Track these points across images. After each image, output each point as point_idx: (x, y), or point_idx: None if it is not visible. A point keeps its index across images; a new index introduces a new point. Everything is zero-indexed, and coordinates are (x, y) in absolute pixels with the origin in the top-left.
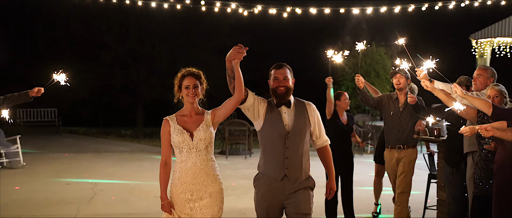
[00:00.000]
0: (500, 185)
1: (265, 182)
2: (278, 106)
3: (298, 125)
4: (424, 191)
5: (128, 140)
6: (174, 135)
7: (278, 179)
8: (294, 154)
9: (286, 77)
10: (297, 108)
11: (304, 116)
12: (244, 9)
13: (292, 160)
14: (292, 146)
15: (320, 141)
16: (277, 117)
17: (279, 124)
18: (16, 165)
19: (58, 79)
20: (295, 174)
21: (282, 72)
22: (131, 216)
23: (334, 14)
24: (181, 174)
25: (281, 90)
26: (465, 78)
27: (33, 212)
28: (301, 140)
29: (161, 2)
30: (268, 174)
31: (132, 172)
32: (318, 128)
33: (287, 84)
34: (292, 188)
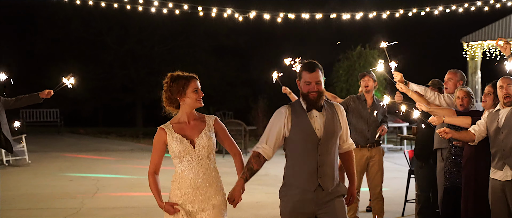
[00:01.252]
0: (467, 177)
1: (296, 194)
2: (308, 110)
3: (330, 129)
4: (403, 186)
5: (128, 139)
6: (173, 144)
7: (311, 190)
8: (327, 161)
9: (319, 81)
10: (327, 111)
11: (335, 119)
12: (239, 14)
13: (326, 168)
14: (324, 152)
15: (346, 145)
16: (307, 123)
17: (310, 130)
18: (22, 163)
19: (67, 83)
20: (329, 182)
21: (314, 76)
22: (133, 209)
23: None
24: (182, 184)
25: (314, 96)
26: (438, 81)
27: (41, 205)
28: (333, 145)
29: (160, 8)
30: (299, 185)
31: (133, 169)
32: (346, 132)
33: (320, 89)
34: (326, 198)
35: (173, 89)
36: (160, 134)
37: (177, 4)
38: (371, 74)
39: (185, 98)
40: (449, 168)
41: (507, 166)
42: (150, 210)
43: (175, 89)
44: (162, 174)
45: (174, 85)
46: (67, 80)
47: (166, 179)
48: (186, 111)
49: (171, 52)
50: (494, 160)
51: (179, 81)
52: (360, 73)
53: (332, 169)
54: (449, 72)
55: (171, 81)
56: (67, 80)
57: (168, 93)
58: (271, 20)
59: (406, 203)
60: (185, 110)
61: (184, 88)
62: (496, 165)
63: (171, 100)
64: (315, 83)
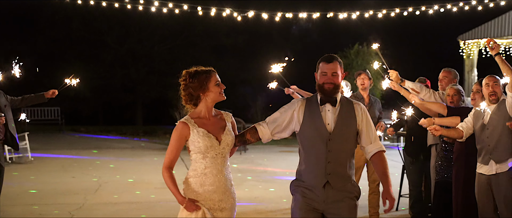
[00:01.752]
0: (457, 172)
1: (305, 190)
2: (322, 103)
3: (343, 126)
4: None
5: (128, 137)
6: (199, 139)
7: (320, 186)
8: (337, 158)
9: (336, 73)
10: (343, 107)
11: (350, 116)
12: (238, 14)
13: (336, 165)
14: (334, 149)
15: (372, 148)
16: (318, 116)
17: (320, 124)
18: (25, 161)
19: (70, 83)
20: (339, 180)
21: (331, 67)
22: (135, 204)
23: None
24: (206, 181)
25: (329, 87)
26: (424, 79)
27: (45, 200)
28: (347, 143)
29: (160, 8)
30: (308, 181)
31: (134, 167)
32: (368, 133)
33: (336, 81)
34: (336, 197)
35: (194, 85)
36: (183, 128)
37: (177, 4)
38: (366, 72)
39: (208, 92)
40: (440, 163)
41: (492, 161)
42: (152, 205)
43: (196, 85)
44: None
45: (195, 81)
46: (70, 80)
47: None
48: (208, 106)
49: (171, 51)
50: (480, 155)
51: (200, 76)
52: (356, 71)
53: (344, 167)
54: (444, 71)
55: (190, 77)
56: (70, 80)
57: (189, 90)
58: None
59: (400, 197)
60: (207, 105)
61: (206, 82)
62: (482, 160)
63: (193, 97)
64: (331, 75)
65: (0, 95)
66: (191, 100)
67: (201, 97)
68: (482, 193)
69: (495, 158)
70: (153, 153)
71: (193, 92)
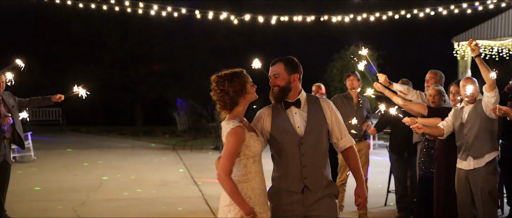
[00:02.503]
0: (439, 167)
1: (283, 197)
2: (286, 107)
3: (313, 126)
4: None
5: (129, 137)
6: (255, 144)
7: (298, 192)
8: (312, 160)
9: (278, 75)
10: (310, 107)
11: (318, 114)
12: (235, 17)
13: (311, 168)
14: (308, 152)
15: (343, 142)
16: (286, 121)
17: (289, 128)
18: (28, 159)
19: (78, 91)
20: (316, 182)
21: (273, 69)
22: (136, 200)
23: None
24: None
25: (275, 90)
26: (406, 80)
27: (49, 197)
28: (318, 143)
29: (159, 11)
30: (285, 187)
31: (134, 165)
32: (338, 128)
33: (279, 83)
34: (315, 198)
35: (235, 89)
36: (242, 134)
37: (176, 8)
38: (355, 74)
39: (246, 94)
40: (423, 159)
41: (470, 157)
42: (152, 202)
43: (238, 89)
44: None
45: (235, 84)
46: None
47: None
48: (244, 109)
49: (170, 52)
50: (459, 152)
51: (239, 79)
52: (345, 73)
53: (319, 169)
54: (430, 72)
55: (229, 81)
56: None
57: (229, 95)
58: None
59: (388, 193)
60: (244, 108)
61: (245, 84)
62: (461, 156)
63: (232, 102)
64: (273, 77)
65: (8, 96)
66: (230, 105)
67: (240, 101)
68: (461, 187)
69: (473, 154)
70: (152, 152)
71: (235, 96)
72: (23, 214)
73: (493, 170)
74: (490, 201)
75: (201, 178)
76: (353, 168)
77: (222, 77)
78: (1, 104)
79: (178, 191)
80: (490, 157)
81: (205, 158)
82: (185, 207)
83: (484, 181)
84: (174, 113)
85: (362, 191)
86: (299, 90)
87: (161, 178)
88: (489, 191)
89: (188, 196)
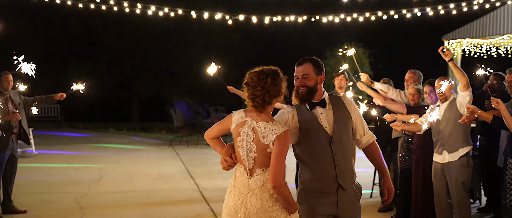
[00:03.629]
0: (417, 160)
1: (317, 198)
2: (311, 108)
3: (340, 125)
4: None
5: (126, 133)
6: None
7: (333, 192)
8: (344, 159)
9: (306, 75)
10: (334, 106)
11: (344, 113)
12: (229, 17)
13: (344, 167)
14: (339, 150)
15: (366, 139)
16: (315, 122)
17: (319, 128)
18: (29, 155)
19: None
20: (349, 180)
21: (301, 69)
22: (134, 192)
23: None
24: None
25: (302, 90)
26: (388, 79)
27: (52, 189)
28: (347, 142)
29: (156, 11)
30: (319, 189)
31: (132, 160)
32: (361, 125)
33: (308, 83)
34: (348, 198)
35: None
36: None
37: (172, 8)
38: (344, 73)
39: (281, 96)
40: (404, 153)
41: (445, 151)
42: (150, 194)
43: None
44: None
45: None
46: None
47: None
48: (272, 109)
49: (166, 50)
50: (436, 146)
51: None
52: (335, 73)
53: (350, 167)
54: (409, 72)
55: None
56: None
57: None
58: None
59: (373, 186)
60: (272, 108)
61: (282, 85)
62: (437, 151)
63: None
64: (301, 77)
65: (15, 95)
66: (263, 104)
67: (273, 101)
68: (437, 179)
69: (448, 148)
70: (149, 148)
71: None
72: (28, 206)
73: (466, 163)
74: (463, 191)
75: (196, 172)
76: (378, 163)
77: (264, 73)
78: (9, 102)
79: (175, 184)
80: (463, 151)
81: (201, 153)
82: (182, 199)
83: (458, 173)
84: (170, 110)
85: (389, 185)
86: (323, 90)
87: (158, 172)
88: (462, 182)
89: (184, 189)
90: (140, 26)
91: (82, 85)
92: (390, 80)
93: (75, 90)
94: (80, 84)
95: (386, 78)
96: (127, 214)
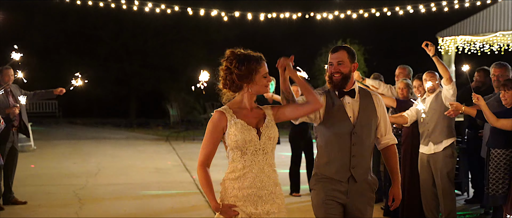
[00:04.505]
0: (405, 152)
1: (328, 184)
2: (340, 96)
3: (365, 117)
4: None
5: (123, 129)
6: (236, 132)
7: (344, 180)
8: (361, 151)
9: (341, 62)
10: (363, 99)
11: (371, 107)
12: (225, 14)
13: (359, 159)
14: (359, 142)
15: (386, 140)
16: (341, 109)
17: (343, 117)
18: (28, 149)
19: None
20: (362, 173)
21: (336, 56)
22: (130, 184)
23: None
24: (244, 183)
25: (336, 77)
26: (378, 75)
27: (52, 182)
28: (368, 135)
29: (153, 8)
30: (331, 175)
31: (129, 154)
32: (384, 124)
33: (343, 70)
34: (358, 190)
35: (240, 73)
36: (219, 119)
37: (169, 5)
38: None
39: (252, 84)
40: None
41: (431, 143)
42: (145, 185)
43: (243, 74)
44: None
45: (242, 69)
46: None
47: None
48: (250, 97)
49: (164, 46)
50: (422, 138)
51: (249, 65)
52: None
53: (366, 160)
54: (399, 67)
55: (238, 62)
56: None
57: (232, 76)
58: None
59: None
60: (249, 95)
61: (253, 73)
62: (423, 142)
63: (233, 85)
64: (336, 64)
65: (16, 89)
66: (231, 86)
67: (244, 87)
68: (423, 169)
69: (433, 140)
70: (146, 143)
71: (237, 80)
72: (29, 197)
73: (450, 154)
74: (448, 181)
75: (192, 165)
76: (392, 168)
77: (234, 55)
78: (10, 96)
79: (171, 177)
80: (447, 142)
81: (197, 148)
82: (178, 190)
83: (442, 164)
84: (167, 105)
85: (397, 192)
86: (354, 80)
87: (155, 165)
88: (447, 173)
89: (180, 181)
90: (138, 22)
91: (81, 81)
92: (380, 75)
93: (74, 85)
94: (79, 79)
95: (376, 73)
96: (124, 205)
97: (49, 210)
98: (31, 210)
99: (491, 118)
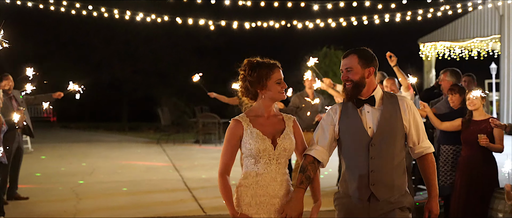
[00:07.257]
0: None
1: (348, 204)
2: (358, 105)
3: (386, 127)
4: None
5: (115, 132)
6: (250, 140)
7: (364, 199)
8: (383, 166)
9: (350, 68)
10: (385, 105)
11: (395, 115)
12: (213, 22)
13: (380, 174)
14: (378, 155)
15: (420, 149)
16: (356, 119)
17: (359, 128)
18: (25, 151)
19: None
20: (385, 192)
21: (345, 62)
22: (124, 182)
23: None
24: (257, 191)
25: (348, 86)
26: None
27: (50, 180)
28: (391, 147)
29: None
30: (351, 193)
31: (122, 155)
32: (416, 131)
33: (352, 77)
34: (383, 209)
35: (252, 80)
36: (235, 127)
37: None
38: (313, 77)
39: (265, 90)
40: None
41: None
42: (138, 183)
43: (254, 80)
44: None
45: (254, 75)
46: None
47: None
48: (266, 104)
49: (155, 52)
50: None
51: (260, 71)
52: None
53: (390, 176)
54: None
55: (250, 69)
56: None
57: (246, 83)
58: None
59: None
60: (265, 103)
61: (265, 79)
62: None
63: (249, 92)
64: (345, 70)
65: (18, 94)
66: (247, 94)
67: (259, 94)
68: None
69: None
70: (138, 145)
71: (250, 87)
72: (29, 193)
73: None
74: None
75: (181, 165)
76: (428, 179)
77: (248, 63)
78: (13, 100)
79: (161, 175)
80: None
81: (186, 149)
82: (167, 187)
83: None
84: (158, 109)
85: (435, 206)
86: (374, 86)
87: (146, 165)
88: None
89: (170, 179)
90: (130, 29)
91: (79, 87)
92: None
93: (72, 90)
94: (76, 86)
95: None
96: (118, 200)
97: (49, 204)
98: (33, 204)
99: (436, 122)
